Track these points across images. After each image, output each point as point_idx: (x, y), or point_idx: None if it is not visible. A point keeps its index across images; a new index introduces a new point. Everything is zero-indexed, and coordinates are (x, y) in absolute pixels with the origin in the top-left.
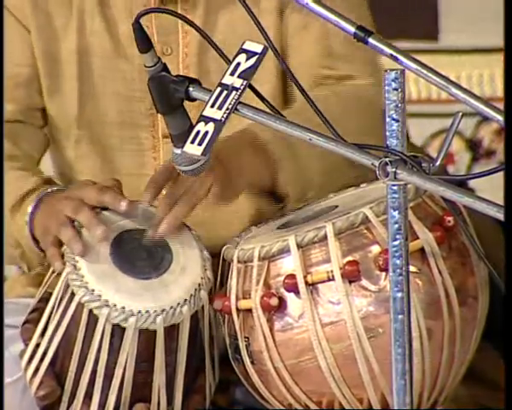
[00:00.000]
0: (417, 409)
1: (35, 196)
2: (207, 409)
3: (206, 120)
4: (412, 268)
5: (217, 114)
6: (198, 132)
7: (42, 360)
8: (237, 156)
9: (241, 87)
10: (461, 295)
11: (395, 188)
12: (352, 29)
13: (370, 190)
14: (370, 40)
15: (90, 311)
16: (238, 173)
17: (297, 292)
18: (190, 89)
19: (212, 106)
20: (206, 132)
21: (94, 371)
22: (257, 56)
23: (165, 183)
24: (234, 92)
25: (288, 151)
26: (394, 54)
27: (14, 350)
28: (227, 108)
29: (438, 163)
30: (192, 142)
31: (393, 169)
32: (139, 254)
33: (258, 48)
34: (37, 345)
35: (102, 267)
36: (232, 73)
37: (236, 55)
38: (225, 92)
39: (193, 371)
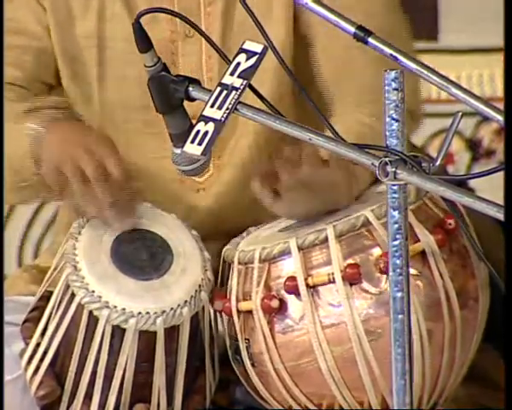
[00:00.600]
0: (417, 409)
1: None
2: (207, 409)
3: (206, 119)
4: (413, 271)
5: (217, 114)
6: (198, 132)
7: (42, 359)
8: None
9: (241, 87)
10: (461, 298)
11: (395, 188)
12: (352, 29)
13: (370, 191)
14: (370, 40)
15: (91, 312)
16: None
17: (298, 294)
18: (190, 89)
19: (212, 106)
20: (206, 132)
21: (94, 372)
22: (257, 56)
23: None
24: (234, 92)
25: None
26: (394, 54)
27: (15, 348)
28: (227, 108)
29: (438, 163)
30: (192, 141)
31: (393, 169)
32: (140, 256)
33: (258, 48)
34: (38, 345)
35: (103, 268)
36: (232, 73)
37: (236, 55)
38: (225, 92)
39: (193, 371)
